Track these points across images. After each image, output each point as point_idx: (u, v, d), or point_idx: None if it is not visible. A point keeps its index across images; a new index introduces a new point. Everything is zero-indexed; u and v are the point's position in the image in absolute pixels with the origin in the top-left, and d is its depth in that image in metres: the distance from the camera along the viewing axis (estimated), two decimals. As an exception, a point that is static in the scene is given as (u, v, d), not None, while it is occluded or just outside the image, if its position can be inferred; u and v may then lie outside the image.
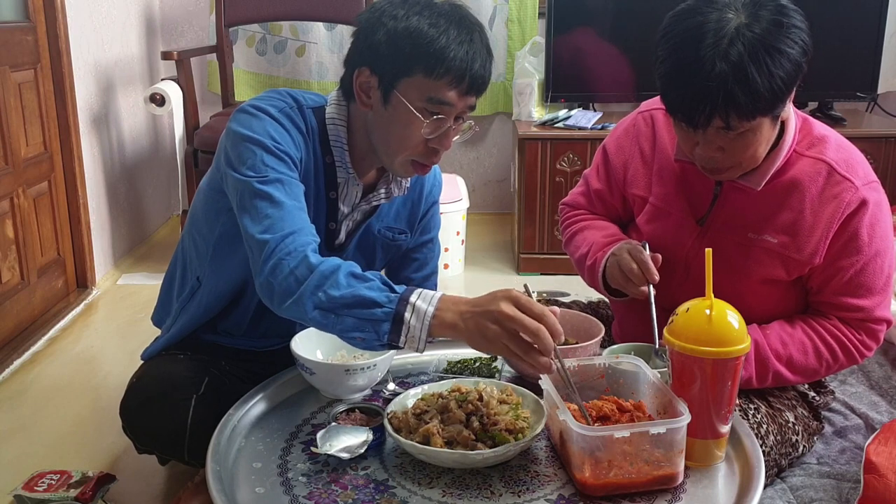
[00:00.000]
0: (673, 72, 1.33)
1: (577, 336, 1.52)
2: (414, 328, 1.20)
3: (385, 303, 1.21)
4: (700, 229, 1.54)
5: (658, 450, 1.14)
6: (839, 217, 1.44)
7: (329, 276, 1.24)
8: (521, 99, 3.38)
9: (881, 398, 1.96)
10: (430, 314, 1.20)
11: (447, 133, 1.40)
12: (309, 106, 1.48)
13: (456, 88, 1.36)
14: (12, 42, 2.54)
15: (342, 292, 1.23)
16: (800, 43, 1.30)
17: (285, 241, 1.29)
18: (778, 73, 1.28)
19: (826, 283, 1.49)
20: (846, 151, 1.48)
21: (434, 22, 1.35)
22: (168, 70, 3.52)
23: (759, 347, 1.49)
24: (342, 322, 1.23)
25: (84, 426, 2.06)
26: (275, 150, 1.37)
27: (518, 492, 1.16)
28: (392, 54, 1.36)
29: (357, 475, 1.21)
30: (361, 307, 1.22)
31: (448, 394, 1.31)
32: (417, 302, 1.21)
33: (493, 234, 3.68)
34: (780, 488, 1.59)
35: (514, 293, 1.16)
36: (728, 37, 1.27)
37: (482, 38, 1.39)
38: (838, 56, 3.23)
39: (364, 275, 1.25)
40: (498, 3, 3.63)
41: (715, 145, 1.37)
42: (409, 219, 1.65)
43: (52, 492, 1.67)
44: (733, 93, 1.27)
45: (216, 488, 1.15)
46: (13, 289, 2.52)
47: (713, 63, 1.27)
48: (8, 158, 2.49)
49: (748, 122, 1.32)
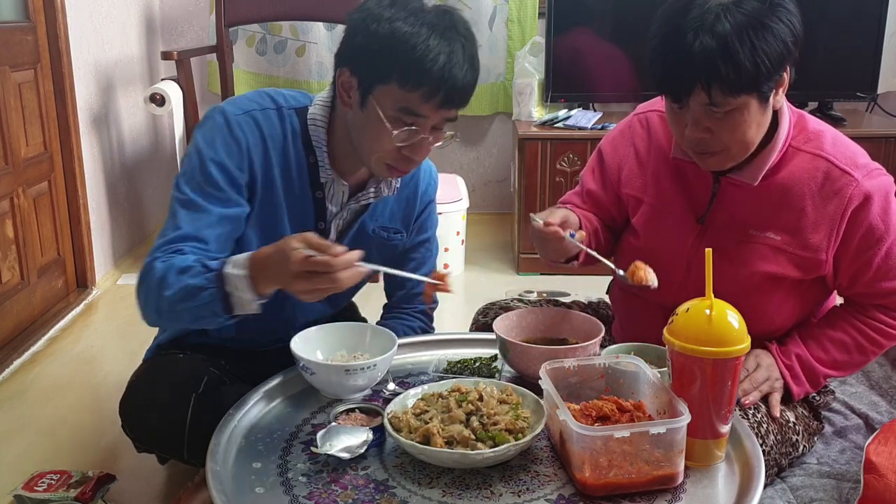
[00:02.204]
0: (659, 46, 1.35)
1: (577, 336, 1.52)
2: (240, 297, 1.28)
3: (206, 285, 1.29)
4: (700, 228, 1.53)
5: (658, 450, 1.14)
6: (844, 213, 1.43)
7: (163, 280, 1.32)
8: (521, 99, 3.38)
9: (881, 398, 1.96)
10: (245, 276, 1.27)
11: (420, 144, 1.39)
12: (291, 107, 1.49)
13: (429, 101, 1.34)
14: (12, 42, 2.54)
15: (171, 291, 1.31)
16: (787, 24, 1.31)
17: (154, 257, 1.37)
18: (762, 47, 1.28)
19: (857, 278, 1.48)
20: (843, 144, 1.47)
21: (415, 31, 1.32)
22: (168, 70, 3.52)
23: (802, 360, 1.53)
24: (182, 317, 1.35)
25: (84, 426, 2.06)
26: (210, 168, 1.40)
27: (518, 492, 1.16)
28: (369, 59, 1.35)
29: (357, 475, 1.20)
30: (190, 298, 1.30)
31: (448, 394, 1.31)
32: (231, 271, 1.28)
33: (493, 234, 3.68)
34: (780, 488, 1.59)
35: (305, 234, 1.22)
36: (714, 12, 1.29)
37: (466, 49, 1.35)
38: (838, 56, 3.23)
39: (188, 265, 1.32)
40: (498, 3, 3.63)
41: (703, 125, 1.37)
42: (405, 218, 1.65)
43: (52, 492, 1.67)
44: (716, 65, 1.29)
45: (216, 488, 1.15)
46: (13, 289, 2.52)
47: (697, 35, 1.29)
48: (8, 158, 2.49)
49: (733, 97, 1.32)
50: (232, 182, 1.43)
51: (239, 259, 1.29)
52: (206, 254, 1.38)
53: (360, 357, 1.46)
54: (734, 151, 1.41)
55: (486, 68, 3.69)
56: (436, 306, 1.80)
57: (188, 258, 1.34)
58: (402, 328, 1.68)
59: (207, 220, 1.41)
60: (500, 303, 1.86)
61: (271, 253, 1.25)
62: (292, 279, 1.22)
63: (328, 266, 1.20)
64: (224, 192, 1.42)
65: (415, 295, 1.74)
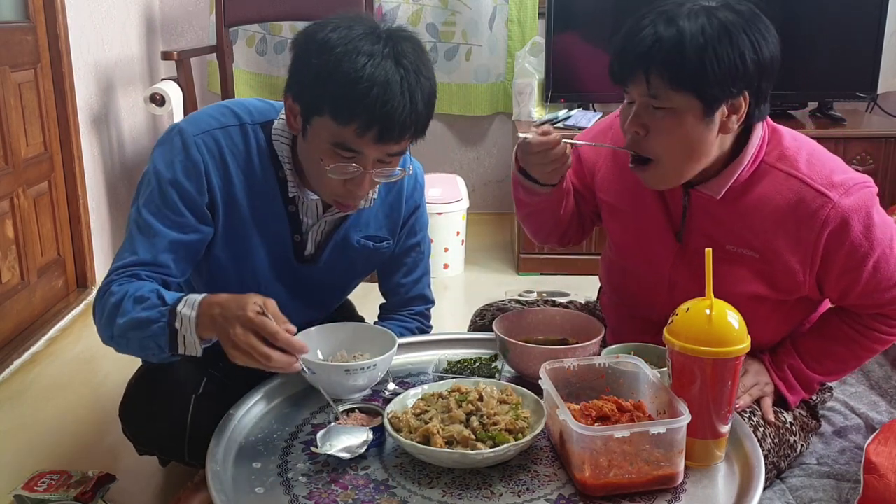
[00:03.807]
0: (622, 32, 1.36)
1: (576, 336, 1.52)
2: (186, 337, 1.26)
3: (158, 318, 1.27)
4: (679, 246, 1.49)
5: (658, 450, 1.14)
6: (820, 236, 1.36)
7: (118, 305, 1.31)
8: (521, 99, 3.38)
9: (881, 398, 1.96)
10: (194, 319, 1.25)
11: (361, 178, 1.33)
12: (256, 122, 1.45)
13: (364, 136, 1.27)
14: (12, 42, 2.54)
15: (125, 318, 1.30)
16: (753, 41, 1.30)
17: (110, 280, 1.36)
18: (715, 48, 1.27)
19: (847, 293, 1.43)
20: (819, 162, 1.40)
21: (352, 62, 1.24)
22: (168, 70, 3.52)
23: (795, 370, 1.52)
24: (131, 345, 1.33)
25: (84, 426, 2.06)
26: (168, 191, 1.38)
27: (518, 492, 1.16)
28: (306, 89, 1.30)
29: (357, 475, 1.21)
30: (140, 328, 1.29)
31: (448, 394, 1.31)
32: (183, 310, 1.26)
33: (493, 234, 3.68)
34: (780, 488, 1.59)
35: (251, 317, 1.19)
36: (687, 9, 1.30)
37: (407, 79, 1.26)
38: (838, 56, 3.22)
39: (143, 295, 1.30)
40: (498, 3, 3.63)
41: (640, 120, 1.36)
42: (390, 225, 1.61)
43: (52, 492, 1.67)
44: (660, 50, 1.29)
45: (216, 488, 1.15)
46: (13, 289, 2.52)
47: (655, 24, 1.30)
48: (8, 158, 2.49)
49: (672, 90, 1.30)
50: (192, 204, 1.40)
51: (193, 299, 1.27)
52: (165, 276, 1.38)
53: (360, 357, 1.46)
54: (665, 165, 1.37)
55: (486, 68, 3.69)
56: (432, 305, 1.79)
57: (145, 287, 1.32)
58: (398, 330, 1.67)
59: (162, 244, 1.39)
60: (498, 304, 1.85)
61: (227, 300, 1.23)
62: (235, 329, 1.19)
63: (273, 337, 1.19)
64: (183, 216, 1.40)
65: (411, 298, 1.73)
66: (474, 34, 3.64)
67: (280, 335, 1.19)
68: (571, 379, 1.30)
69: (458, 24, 3.64)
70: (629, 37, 1.33)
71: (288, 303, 1.57)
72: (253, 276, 1.52)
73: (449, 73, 3.70)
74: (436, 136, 3.84)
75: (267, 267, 1.52)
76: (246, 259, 1.50)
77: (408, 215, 1.63)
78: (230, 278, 1.50)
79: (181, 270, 1.43)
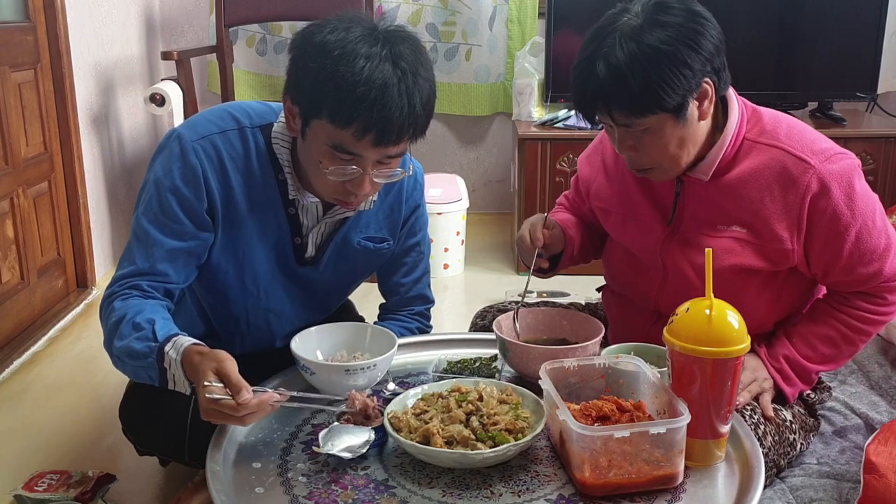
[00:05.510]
0: (573, 69, 1.41)
1: (577, 336, 1.52)
2: (176, 375, 1.28)
3: (148, 353, 1.29)
4: (669, 228, 1.54)
5: (658, 450, 1.14)
6: (803, 201, 1.40)
7: (117, 326, 1.33)
8: (521, 99, 3.38)
9: (881, 398, 1.96)
10: (179, 362, 1.26)
11: (361, 180, 1.33)
12: (255, 125, 1.44)
13: (362, 139, 1.27)
14: (12, 42, 2.54)
15: (121, 343, 1.32)
16: (692, 45, 1.33)
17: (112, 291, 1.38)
18: (655, 71, 1.32)
19: (831, 266, 1.46)
20: (799, 132, 1.45)
21: (349, 65, 1.23)
22: (168, 70, 3.52)
23: (791, 361, 1.53)
24: (126, 369, 1.36)
25: (84, 426, 2.06)
26: (167, 198, 1.39)
27: (518, 492, 1.16)
28: (304, 92, 1.30)
29: (357, 475, 1.21)
30: (133, 358, 1.31)
31: (448, 394, 1.31)
32: (170, 352, 1.28)
33: (493, 234, 3.68)
34: (780, 488, 1.59)
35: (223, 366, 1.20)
36: (616, 39, 1.34)
37: (409, 84, 1.26)
38: (838, 56, 3.22)
39: (139, 323, 1.31)
40: (498, 3, 3.64)
41: (627, 143, 1.43)
42: (390, 226, 1.61)
43: (52, 492, 1.67)
44: (609, 91, 1.35)
45: (216, 488, 1.16)
46: (13, 289, 2.52)
47: (594, 63, 1.35)
48: (8, 158, 2.49)
49: (638, 118, 1.36)
50: (191, 211, 1.40)
51: (181, 342, 1.28)
52: (166, 285, 1.39)
53: (360, 357, 1.46)
54: (666, 166, 1.44)
55: (486, 68, 3.69)
56: (432, 305, 1.79)
57: (143, 311, 1.33)
58: (398, 330, 1.67)
59: (160, 253, 1.39)
60: (498, 305, 1.86)
61: (199, 361, 1.23)
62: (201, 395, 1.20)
63: (233, 410, 1.18)
64: (181, 223, 1.40)
65: (411, 298, 1.73)
66: (474, 34, 3.65)
67: (240, 411, 1.18)
68: (571, 379, 1.30)
69: (458, 24, 3.64)
70: (578, 78, 1.40)
71: (288, 305, 1.58)
72: (253, 280, 1.52)
73: (449, 73, 3.70)
74: (436, 136, 3.85)
75: (267, 270, 1.52)
76: (246, 262, 1.50)
77: (408, 215, 1.63)
78: (231, 282, 1.50)
79: (182, 277, 1.43)
